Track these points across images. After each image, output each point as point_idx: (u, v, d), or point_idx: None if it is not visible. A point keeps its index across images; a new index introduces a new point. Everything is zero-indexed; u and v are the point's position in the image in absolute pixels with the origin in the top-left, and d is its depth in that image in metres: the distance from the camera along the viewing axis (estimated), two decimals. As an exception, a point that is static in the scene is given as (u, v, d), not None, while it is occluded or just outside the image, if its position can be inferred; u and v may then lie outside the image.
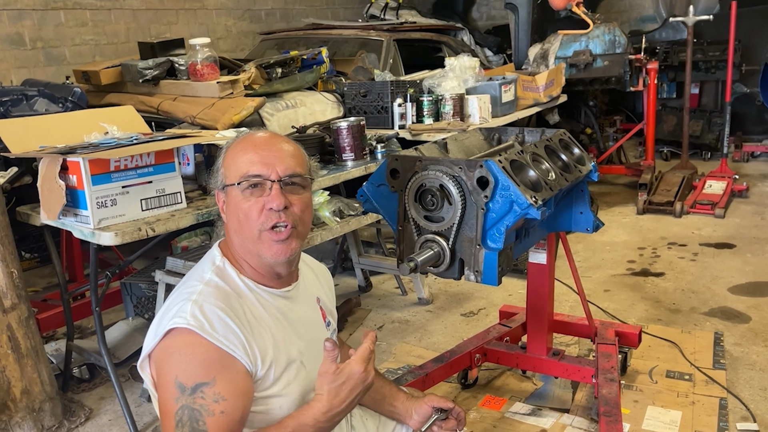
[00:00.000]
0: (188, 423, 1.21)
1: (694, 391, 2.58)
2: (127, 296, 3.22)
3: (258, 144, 1.43)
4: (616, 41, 5.27)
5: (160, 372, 1.28)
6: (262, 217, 1.37)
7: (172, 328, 1.28)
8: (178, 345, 1.27)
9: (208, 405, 1.23)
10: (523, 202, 1.68)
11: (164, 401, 1.25)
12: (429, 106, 3.79)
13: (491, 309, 3.45)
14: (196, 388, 1.23)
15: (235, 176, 1.39)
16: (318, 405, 1.28)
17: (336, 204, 2.86)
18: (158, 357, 1.30)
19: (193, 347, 1.26)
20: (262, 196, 1.38)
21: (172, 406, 1.23)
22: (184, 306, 1.31)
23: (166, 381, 1.25)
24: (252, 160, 1.40)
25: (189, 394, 1.23)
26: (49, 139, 2.48)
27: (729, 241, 4.34)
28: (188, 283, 1.41)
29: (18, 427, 2.44)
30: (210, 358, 1.26)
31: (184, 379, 1.24)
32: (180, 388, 1.23)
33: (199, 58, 3.54)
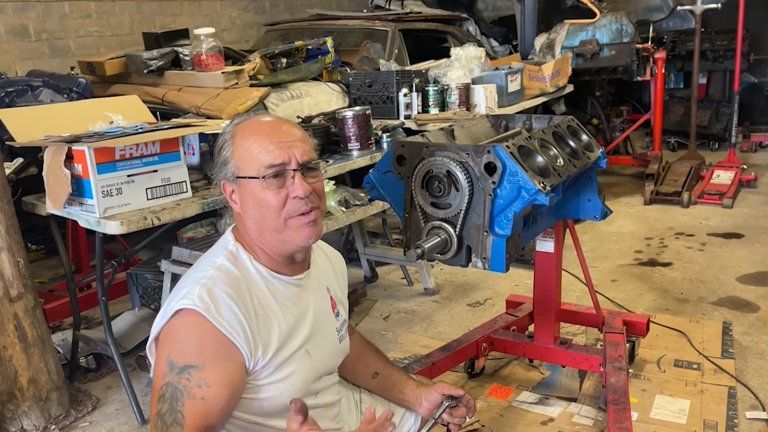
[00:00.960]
0: (168, 400, 1.24)
1: (702, 380, 2.56)
2: (133, 287, 3.22)
3: (270, 132, 1.40)
4: (623, 30, 5.22)
5: (159, 347, 1.31)
6: (288, 207, 1.37)
7: (179, 309, 1.29)
8: (179, 324, 1.29)
9: (191, 388, 1.24)
10: (532, 188, 1.67)
11: (155, 374, 1.28)
12: (435, 96, 3.77)
13: (497, 299, 3.43)
14: (184, 368, 1.25)
15: (254, 168, 1.37)
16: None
17: (342, 194, 2.85)
18: (161, 335, 1.32)
19: (193, 328, 1.27)
20: (284, 186, 1.37)
21: (159, 381, 1.26)
22: (192, 288, 1.31)
23: (161, 356, 1.28)
24: (269, 150, 1.37)
25: (176, 373, 1.25)
26: (53, 129, 2.48)
27: (737, 231, 4.31)
28: (200, 267, 1.41)
29: (25, 417, 2.45)
30: (206, 343, 1.27)
31: (175, 358, 1.26)
32: (170, 365, 1.25)
33: (204, 49, 3.52)
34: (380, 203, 2.95)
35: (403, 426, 1.76)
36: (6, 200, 2.38)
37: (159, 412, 1.23)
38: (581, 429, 2.32)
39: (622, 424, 2.02)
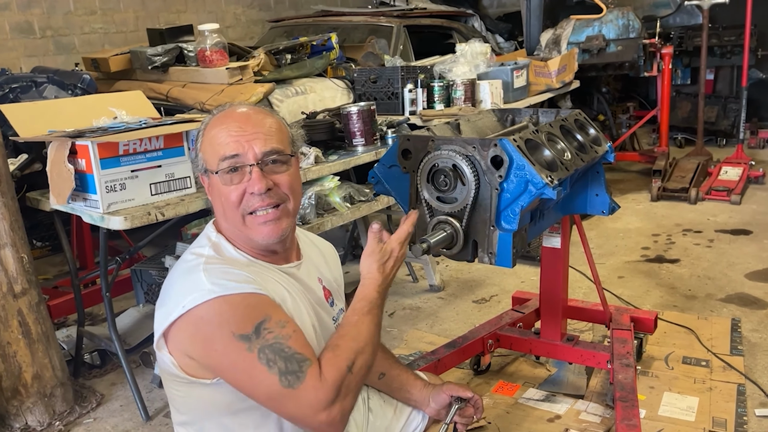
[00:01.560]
0: (276, 357, 1.20)
1: (711, 377, 2.54)
2: (137, 283, 3.21)
3: (231, 125, 1.36)
4: (630, 26, 5.18)
5: (209, 345, 1.23)
6: (244, 203, 1.35)
7: (195, 305, 1.24)
8: (212, 314, 1.23)
9: (279, 333, 1.22)
10: (539, 182, 1.65)
11: (236, 362, 1.21)
12: (440, 92, 3.75)
13: (503, 296, 3.41)
14: (258, 329, 1.22)
15: (213, 161, 1.35)
16: (373, 280, 1.38)
17: (346, 189, 2.84)
18: (191, 333, 1.25)
19: (229, 305, 1.24)
20: (242, 181, 1.34)
21: (249, 357, 1.20)
22: (196, 281, 1.28)
23: (225, 345, 1.21)
24: (226, 143, 1.34)
25: (256, 338, 1.21)
26: (57, 124, 2.47)
27: (745, 227, 4.27)
28: (186, 259, 1.38)
29: (29, 413, 2.44)
30: (250, 303, 1.25)
31: (242, 330, 1.21)
32: (245, 339, 1.21)
33: (208, 45, 3.51)
34: (385, 199, 2.93)
35: (410, 425, 1.74)
36: (10, 196, 2.37)
37: (280, 371, 1.19)
38: (588, 426, 2.29)
39: (630, 421, 1.99)
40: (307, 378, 1.20)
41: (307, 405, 1.20)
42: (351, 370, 1.25)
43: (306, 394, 1.19)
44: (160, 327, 1.31)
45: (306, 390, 1.19)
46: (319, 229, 2.63)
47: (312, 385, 1.20)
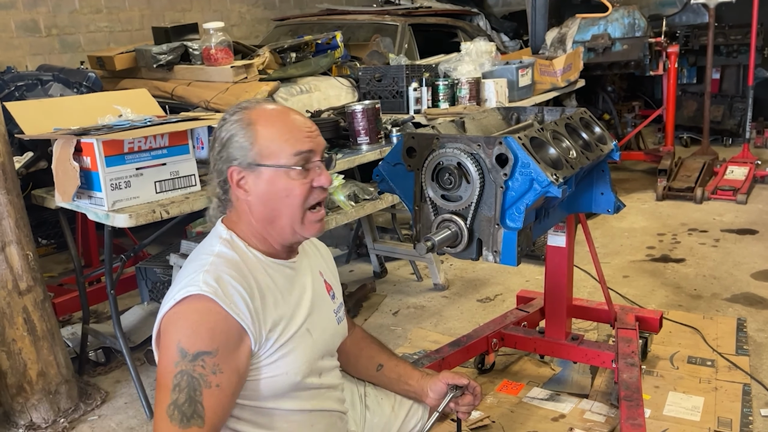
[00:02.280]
0: (186, 390, 1.20)
1: (716, 377, 2.53)
2: (142, 281, 3.22)
3: (297, 120, 1.40)
4: (635, 24, 5.17)
5: (165, 335, 1.26)
6: (312, 196, 1.39)
7: (186, 296, 1.26)
8: (187, 311, 1.25)
9: (206, 375, 1.22)
10: (544, 180, 1.64)
11: (163, 364, 1.23)
12: (445, 91, 3.74)
13: (508, 295, 3.41)
14: (198, 355, 1.22)
15: (282, 155, 1.35)
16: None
17: (351, 188, 2.83)
18: (165, 323, 1.28)
19: (203, 314, 1.25)
20: (308, 176, 1.37)
21: (170, 369, 1.21)
22: (196, 276, 1.30)
23: (169, 344, 1.23)
24: (300, 138, 1.37)
25: (189, 361, 1.21)
26: (63, 122, 2.47)
27: (751, 227, 4.25)
28: (197, 257, 1.39)
29: (34, 410, 2.45)
30: (217, 328, 1.25)
31: (187, 345, 1.22)
32: (181, 353, 1.21)
33: (213, 43, 3.51)
34: (389, 198, 2.93)
35: (411, 418, 1.75)
36: (15, 194, 2.37)
37: (175, 402, 1.19)
38: (593, 425, 2.29)
39: (635, 420, 1.99)
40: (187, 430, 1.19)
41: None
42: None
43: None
44: (157, 323, 1.32)
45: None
46: (324, 227, 2.63)
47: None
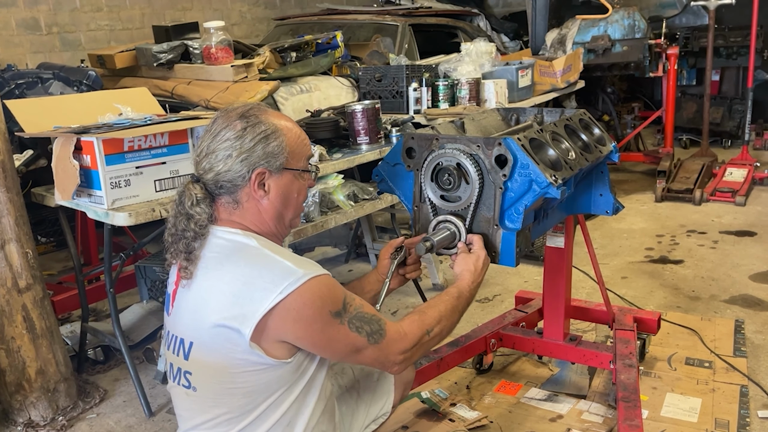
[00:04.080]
0: (363, 324, 1.45)
1: (714, 379, 2.53)
2: (141, 279, 3.22)
3: (297, 126, 1.56)
4: (635, 26, 5.17)
5: (308, 325, 1.39)
6: (306, 196, 1.59)
7: (295, 288, 1.36)
8: (310, 295, 1.38)
9: (356, 304, 1.47)
10: (543, 181, 1.64)
11: (332, 335, 1.42)
12: (445, 91, 3.74)
13: (506, 295, 3.41)
14: (344, 305, 1.44)
15: (302, 160, 1.53)
16: (468, 276, 1.70)
17: (350, 188, 2.84)
18: (293, 318, 1.37)
19: (320, 286, 1.41)
20: (308, 177, 1.57)
21: (341, 329, 1.42)
22: (283, 268, 1.39)
23: (323, 323, 1.40)
24: (307, 144, 1.57)
25: (345, 312, 1.43)
26: (63, 120, 2.48)
27: (750, 228, 4.26)
28: (245, 256, 1.44)
29: (33, 407, 2.45)
30: (332, 283, 1.45)
31: (334, 307, 1.42)
32: (337, 316, 1.42)
33: (214, 42, 3.51)
34: (389, 198, 2.93)
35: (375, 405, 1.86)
36: (15, 191, 2.38)
37: (367, 333, 1.45)
38: (591, 426, 2.29)
39: (633, 421, 1.99)
40: (388, 333, 1.48)
41: (388, 352, 1.49)
42: (429, 333, 1.56)
43: (387, 345, 1.48)
44: (251, 319, 1.35)
45: (388, 343, 1.47)
46: (323, 227, 2.64)
47: (393, 338, 1.48)
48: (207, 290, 1.42)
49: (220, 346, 1.39)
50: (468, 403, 2.45)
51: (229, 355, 1.38)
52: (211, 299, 1.40)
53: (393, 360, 1.50)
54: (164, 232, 1.52)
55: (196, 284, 1.44)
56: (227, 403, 1.44)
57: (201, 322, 1.42)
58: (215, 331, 1.39)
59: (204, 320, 1.41)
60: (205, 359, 1.43)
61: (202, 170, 1.48)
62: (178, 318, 1.50)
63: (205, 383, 1.45)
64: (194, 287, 1.45)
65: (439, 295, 1.66)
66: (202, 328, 1.42)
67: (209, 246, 1.46)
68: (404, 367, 1.54)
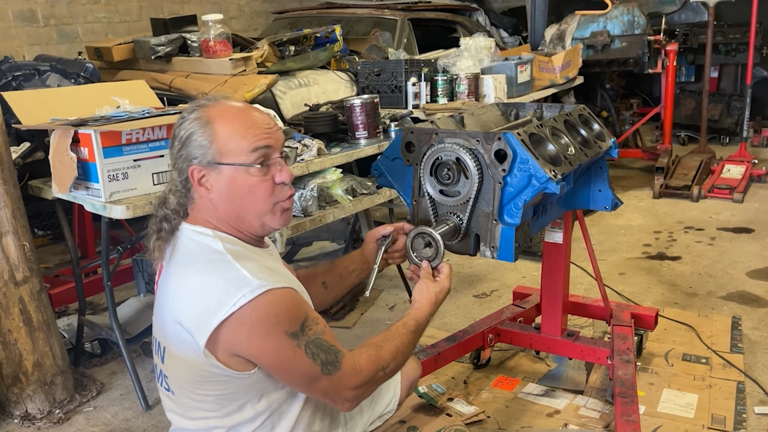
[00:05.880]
0: (319, 351, 1.36)
1: (711, 375, 2.54)
2: (138, 273, 3.21)
3: (255, 117, 1.42)
4: (635, 22, 5.16)
5: (261, 343, 1.32)
6: (277, 193, 1.43)
7: (250, 300, 1.29)
8: (265, 310, 1.31)
9: (317, 329, 1.38)
10: (542, 176, 1.64)
11: (286, 356, 1.34)
12: (443, 86, 3.74)
13: (504, 290, 3.41)
14: (303, 327, 1.35)
15: (241, 153, 1.37)
16: (427, 307, 1.62)
17: (348, 182, 2.83)
18: (246, 334, 1.31)
19: (278, 301, 1.33)
20: (269, 172, 1.41)
21: (296, 352, 1.34)
22: (240, 278, 1.31)
23: (277, 342, 1.33)
24: (258, 135, 1.39)
25: (303, 335, 1.35)
26: (60, 112, 2.47)
27: (747, 225, 4.27)
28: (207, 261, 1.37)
29: (30, 400, 2.45)
30: (294, 300, 1.37)
31: (291, 328, 1.34)
32: (294, 337, 1.34)
33: (212, 35, 3.50)
34: (387, 193, 2.93)
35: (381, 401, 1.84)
36: (12, 184, 2.37)
37: (322, 362, 1.36)
38: (588, 421, 2.30)
39: (630, 417, 2.00)
40: (343, 367, 1.38)
41: (341, 387, 1.40)
42: (384, 370, 1.46)
43: (341, 380, 1.39)
44: (204, 330, 1.30)
45: (341, 377, 1.38)
46: (321, 221, 2.63)
47: (347, 374, 1.39)
48: (173, 296, 1.39)
49: (183, 353, 1.36)
50: (465, 398, 2.45)
51: (193, 363, 1.36)
52: (175, 305, 1.37)
53: (344, 396, 1.40)
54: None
55: (166, 288, 1.42)
56: (202, 408, 1.43)
57: (168, 326, 1.40)
58: (177, 337, 1.36)
59: (169, 325, 1.39)
60: (175, 364, 1.41)
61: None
62: (156, 320, 1.48)
63: (178, 388, 1.44)
64: (164, 291, 1.42)
65: (397, 327, 1.55)
66: (168, 333, 1.40)
67: (179, 246, 1.42)
68: (354, 405, 1.45)
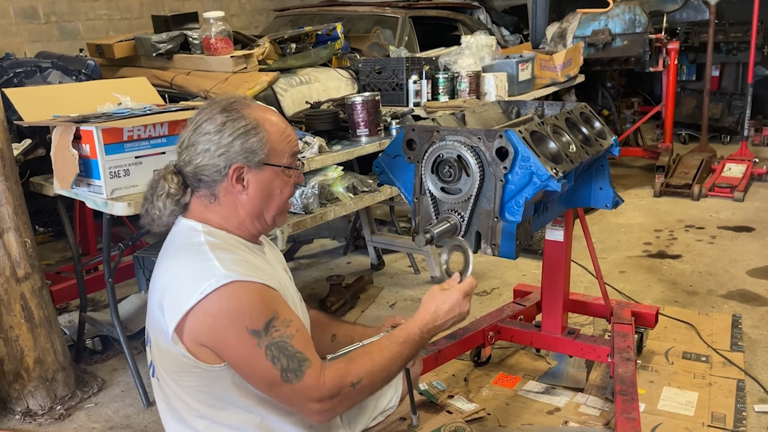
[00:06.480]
0: (281, 355, 1.31)
1: (711, 373, 2.54)
2: (139, 270, 3.21)
3: (285, 122, 1.50)
4: (636, 20, 5.16)
5: (222, 336, 1.32)
6: (291, 192, 1.52)
7: (215, 288, 1.29)
8: (230, 304, 1.30)
9: (285, 332, 1.33)
10: (544, 174, 1.64)
11: (244, 354, 1.31)
12: (444, 84, 3.74)
13: (505, 288, 3.42)
14: (267, 326, 1.32)
15: (284, 156, 1.46)
16: (423, 318, 1.51)
17: (350, 180, 2.83)
18: (209, 325, 1.31)
19: (244, 294, 1.31)
20: (294, 174, 1.51)
21: (256, 352, 1.31)
22: (210, 267, 1.32)
23: (236, 337, 1.30)
24: (293, 140, 1.49)
25: (265, 334, 1.31)
26: (62, 109, 2.47)
27: (748, 224, 4.27)
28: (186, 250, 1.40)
29: (31, 397, 2.45)
30: (263, 296, 1.34)
31: (254, 325, 1.31)
32: (255, 335, 1.30)
33: (213, 32, 3.50)
34: (388, 190, 2.93)
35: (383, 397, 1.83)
36: (14, 181, 2.37)
37: (283, 369, 1.31)
38: (588, 419, 2.30)
39: (630, 414, 2.00)
40: (305, 378, 1.33)
41: (303, 399, 1.34)
42: (354, 386, 1.38)
43: (302, 390, 1.33)
44: (173, 317, 1.32)
45: (302, 387, 1.33)
46: (322, 218, 2.63)
47: (309, 385, 1.33)
48: (155, 285, 1.42)
49: (160, 341, 1.39)
50: (465, 396, 2.46)
51: (167, 352, 1.37)
52: (154, 294, 1.41)
53: (309, 408, 1.35)
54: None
55: (153, 278, 1.45)
56: (185, 400, 1.44)
57: (152, 314, 1.43)
58: (158, 325, 1.39)
59: (152, 313, 1.42)
60: (158, 353, 1.43)
61: (182, 162, 1.46)
62: (147, 311, 1.51)
63: (163, 377, 1.46)
64: (152, 282, 1.46)
65: (382, 338, 1.49)
66: (152, 321, 1.43)
67: (171, 238, 1.47)
68: (326, 418, 1.39)
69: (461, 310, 1.54)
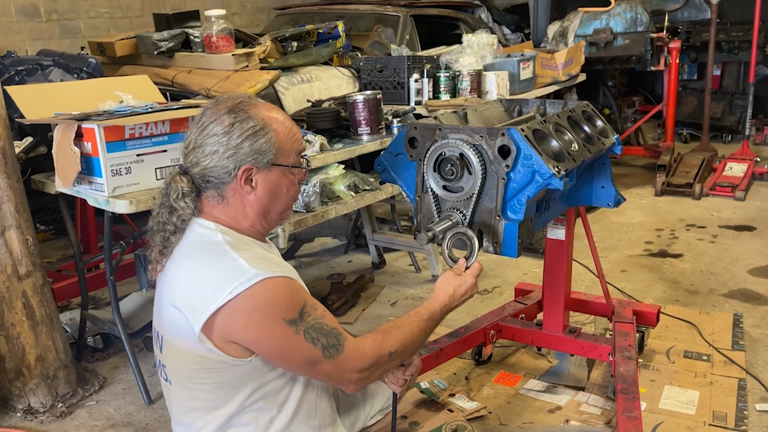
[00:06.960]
0: (319, 335, 1.39)
1: (712, 372, 2.54)
2: (141, 268, 3.21)
3: (288, 119, 1.51)
4: (637, 19, 5.16)
5: (258, 330, 1.36)
6: (298, 190, 1.55)
7: (246, 288, 1.32)
8: (261, 299, 1.34)
9: (317, 315, 1.41)
10: (546, 172, 1.64)
11: (284, 343, 1.37)
12: (446, 82, 3.74)
13: (506, 287, 3.42)
14: (301, 313, 1.38)
15: (291, 155, 1.48)
16: (443, 298, 1.63)
17: (351, 178, 2.83)
18: (243, 321, 1.34)
19: (275, 289, 1.36)
20: (300, 173, 1.53)
21: (296, 338, 1.37)
22: (237, 266, 1.34)
23: (274, 329, 1.35)
24: (299, 138, 1.51)
25: (301, 321, 1.37)
26: (63, 107, 2.47)
27: (749, 223, 4.27)
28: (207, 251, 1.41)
29: (32, 394, 2.45)
30: (290, 288, 1.40)
31: (289, 316, 1.36)
32: (292, 323, 1.36)
33: (215, 30, 3.50)
34: (389, 189, 2.93)
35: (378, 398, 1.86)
36: (15, 178, 2.37)
37: (323, 346, 1.39)
38: (589, 417, 2.30)
39: (631, 413, 2.00)
40: (346, 350, 1.42)
41: (344, 370, 1.43)
42: (391, 355, 1.49)
43: (343, 362, 1.42)
44: (200, 316, 1.33)
45: (344, 359, 1.41)
46: (324, 217, 2.63)
47: (350, 356, 1.42)
48: (170, 285, 1.42)
49: (179, 340, 1.39)
50: (467, 394, 2.46)
51: (188, 351, 1.38)
52: (172, 293, 1.41)
53: (348, 378, 1.44)
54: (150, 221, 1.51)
55: (164, 278, 1.45)
56: (198, 398, 1.44)
57: (164, 314, 1.43)
58: (174, 324, 1.39)
59: (166, 313, 1.42)
60: (172, 353, 1.44)
61: (189, 163, 1.45)
62: (155, 311, 1.51)
63: (176, 377, 1.46)
64: (163, 281, 1.46)
65: (409, 315, 1.59)
66: (165, 321, 1.43)
67: (184, 239, 1.46)
68: (360, 387, 1.48)
69: (472, 291, 1.68)
